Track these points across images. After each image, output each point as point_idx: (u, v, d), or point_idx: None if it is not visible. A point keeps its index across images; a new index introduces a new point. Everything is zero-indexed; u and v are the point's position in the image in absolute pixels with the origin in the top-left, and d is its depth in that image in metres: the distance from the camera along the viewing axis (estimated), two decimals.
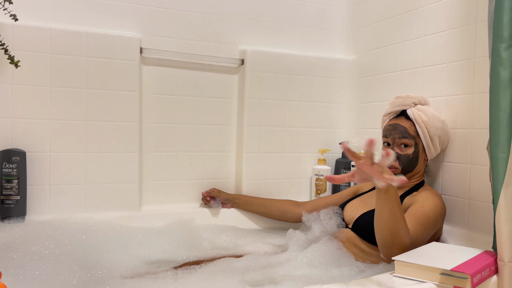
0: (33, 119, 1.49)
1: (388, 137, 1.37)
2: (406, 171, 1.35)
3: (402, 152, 1.34)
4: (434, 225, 1.23)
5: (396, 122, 1.37)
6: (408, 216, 1.18)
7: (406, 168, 1.34)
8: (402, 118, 1.37)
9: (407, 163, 1.34)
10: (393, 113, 1.40)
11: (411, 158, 1.34)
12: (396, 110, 1.39)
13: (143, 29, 1.66)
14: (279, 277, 1.12)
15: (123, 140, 1.61)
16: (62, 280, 1.07)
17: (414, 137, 1.34)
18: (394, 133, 1.35)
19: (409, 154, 1.33)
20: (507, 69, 0.96)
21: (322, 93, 1.93)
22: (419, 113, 1.34)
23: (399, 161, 1.34)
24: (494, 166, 0.98)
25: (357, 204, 1.42)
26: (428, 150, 1.36)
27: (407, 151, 1.34)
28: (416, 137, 1.34)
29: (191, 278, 1.12)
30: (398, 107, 1.38)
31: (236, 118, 1.83)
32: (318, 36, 1.96)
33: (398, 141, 1.34)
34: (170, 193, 1.73)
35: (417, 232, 1.16)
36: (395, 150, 1.34)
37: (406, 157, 1.34)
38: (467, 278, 0.87)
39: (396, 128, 1.35)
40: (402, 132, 1.34)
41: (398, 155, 1.34)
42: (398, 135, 1.34)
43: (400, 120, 1.37)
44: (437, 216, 1.24)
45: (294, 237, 1.41)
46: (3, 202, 1.41)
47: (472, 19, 1.37)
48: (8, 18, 1.37)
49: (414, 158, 1.34)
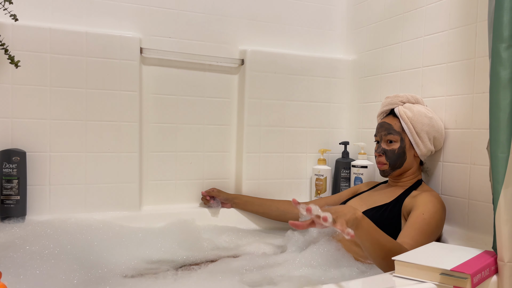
0: (33, 119, 1.49)
1: (377, 135, 1.45)
2: (395, 167, 1.40)
3: (388, 148, 1.40)
4: (436, 231, 1.24)
5: (383, 121, 1.44)
6: (410, 227, 1.19)
7: (394, 164, 1.39)
8: (390, 116, 1.44)
9: (393, 158, 1.39)
10: (383, 112, 1.48)
11: (397, 153, 1.38)
12: (385, 110, 1.46)
13: (143, 29, 1.66)
14: (278, 277, 1.12)
15: (123, 140, 1.61)
16: (63, 279, 1.07)
17: (399, 133, 1.39)
18: (381, 130, 1.43)
19: (395, 149, 1.39)
20: (507, 69, 0.96)
21: (322, 93, 1.93)
22: (404, 110, 1.40)
23: (386, 157, 1.40)
24: (494, 166, 0.98)
25: (356, 202, 1.42)
26: (416, 146, 1.39)
27: (393, 146, 1.39)
28: (402, 132, 1.39)
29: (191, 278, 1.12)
30: (387, 106, 1.45)
31: (236, 118, 1.83)
32: (318, 36, 1.96)
33: (385, 137, 1.41)
34: (170, 193, 1.73)
35: (419, 242, 1.15)
36: (382, 145, 1.41)
37: (391, 152, 1.39)
38: (467, 278, 0.87)
39: (382, 125, 1.43)
40: (388, 128, 1.40)
41: (385, 150, 1.40)
42: (384, 132, 1.41)
43: (388, 119, 1.44)
44: (438, 222, 1.24)
45: (292, 238, 1.41)
46: (3, 202, 1.41)
47: (472, 19, 1.37)
48: (8, 18, 1.37)
49: (400, 153, 1.38)
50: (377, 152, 1.42)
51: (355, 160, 1.78)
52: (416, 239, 1.16)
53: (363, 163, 1.73)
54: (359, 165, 1.74)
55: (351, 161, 1.82)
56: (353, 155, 1.88)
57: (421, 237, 1.17)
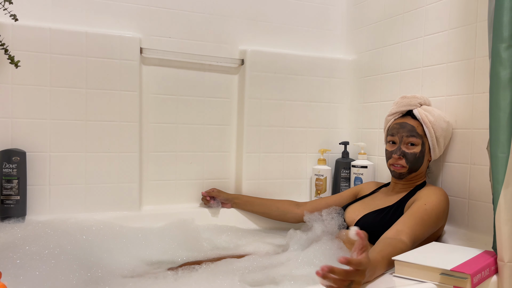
0: (33, 119, 1.49)
1: (395, 135, 1.36)
2: (412, 170, 1.34)
3: (409, 151, 1.33)
4: (435, 222, 1.22)
5: (404, 121, 1.36)
6: (409, 216, 1.18)
7: (413, 167, 1.34)
8: (409, 117, 1.37)
9: (413, 161, 1.33)
10: (399, 112, 1.39)
11: (418, 157, 1.33)
12: (402, 110, 1.38)
13: (143, 29, 1.66)
14: (280, 276, 1.12)
15: (123, 140, 1.61)
16: (62, 280, 1.07)
17: (421, 136, 1.33)
18: (402, 131, 1.34)
19: (416, 153, 1.33)
20: (507, 69, 0.96)
21: (322, 93, 1.93)
22: (425, 113, 1.34)
23: (406, 160, 1.33)
24: (494, 166, 0.98)
25: (358, 206, 1.42)
26: (433, 150, 1.36)
27: (414, 150, 1.33)
28: (423, 136, 1.34)
29: (191, 278, 1.12)
30: (405, 107, 1.37)
31: (236, 118, 1.83)
32: (318, 36, 1.96)
33: (406, 139, 1.33)
34: (170, 193, 1.73)
35: (416, 232, 1.15)
36: (402, 148, 1.34)
37: (413, 155, 1.33)
38: (467, 278, 0.87)
39: (404, 126, 1.35)
40: (410, 130, 1.33)
41: (405, 153, 1.33)
42: (406, 133, 1.33)
43: (407, 119, 1.36)
44: (439, 214, 1.23)
45: (295, 237, 1.41)
46: (3, 202, 1.41)
47: (472, 19, 1.37)
48: (8, 18, 1.37)
49: (420, 158, 1.34)
50: (397, 154, 1.33)
51: (355, 160, 1.78)
52: (413, 228, 1.15)
53: (363, 163, 1.73)
54: (359, 165, 1.74)
55: (351, 161, 1.82)
56: (353, 155, 1.88)
57: (419, 227, 1.16)
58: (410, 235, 1.12)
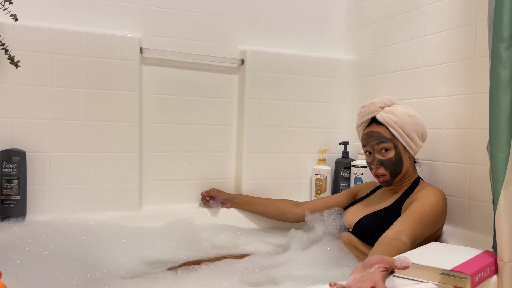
0: (33, 119, 1.49)
1: (367, 146, 1.36)
2: (396, 174, 1.33)
3: (384, 157, 1.32)
4: (434, 222, 1.23)
5: (369, 130, 1.35)
6: (408, 216, 1.18)
7: (394, 172, 1.33)
8: (374, 125, 1.35)
9: (392, 167, 1.32)
10: (364, 122, 1.38)
11: (395, 161, 1.32)
12: (366, 119, 1.37)
13: (143, 29, 1.66)
14: (280, 277, 1.12)
15: (123, 140, 1.61)
16: (62, 280, 1.07)
17: (391, 139, 1.32)
18: (371, 140, 1.34)
19: (392, 158, 1.32)
20: (507, 69, 0.96)
21: (322, 93, 1.93)
22: (388, 115, 1.32)
23: (384, 167, 1.32)
24: (494, 166, 0.98)
25: (357, 208, 1.42)
26: (409, 148, 1.33)
27: (389, 155, 1.32)
28: (393, 138, 1.32)
29: (191, 278, 1.12)
30: (367, 115, 1.36)
31: (236, 118, 1.83)
32: (318, 36, 1.96)
33: (377, 147, 1.33)
34: (170, 193, 1.73)
35: (416, 232, 1.15)
36: (377, 157, 1.33)
37: (389, 161, 1.32)
38: (467, 278, 0.87)
39: (371, 135, 1.34)
40: (378, 137, 1.32)
41: (382, 161, 1.32)
42: (375, 141, 1.33)
43: (373, 127, 1.35)
44: (437, 214, 1.23)
45: (295, 237, 1.41)
46: (3, 202, 1.41)
47: (472, 19, 1.37)
48: (8, 18, 1.37)
49: (398, 160, 1.32)
50: (374, 164, 1.33)
51: (355, 160, 1.78)
52: (413, 228, 1.15)
53: (363, 163, 1.73)
54: (359, 165, 1.74)
55: (351, 161, 1.82)
56: (353, 155, 1.88)
57: (418, 227, 1.16)
58: (410, 236, 1.12)
